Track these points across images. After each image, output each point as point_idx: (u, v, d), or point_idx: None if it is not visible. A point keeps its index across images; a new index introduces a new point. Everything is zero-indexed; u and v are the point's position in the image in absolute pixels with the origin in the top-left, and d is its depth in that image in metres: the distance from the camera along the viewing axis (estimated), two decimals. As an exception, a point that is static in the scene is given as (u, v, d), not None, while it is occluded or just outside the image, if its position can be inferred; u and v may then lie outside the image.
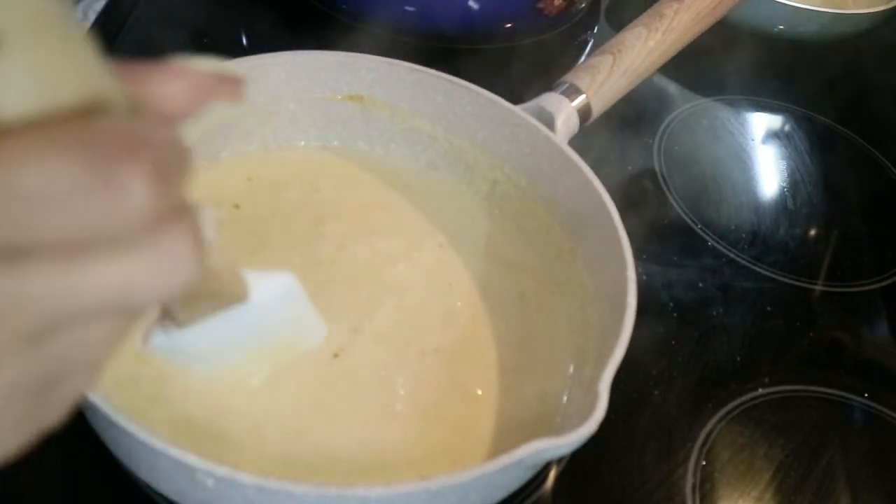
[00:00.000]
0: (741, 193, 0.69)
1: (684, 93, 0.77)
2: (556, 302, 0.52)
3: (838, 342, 0.59)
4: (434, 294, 0.51)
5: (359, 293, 0.50)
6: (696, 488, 0.48)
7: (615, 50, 0.58)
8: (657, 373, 0.53)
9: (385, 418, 0.45)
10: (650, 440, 0.50)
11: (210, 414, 0.43)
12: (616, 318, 0.44)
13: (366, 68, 0.55)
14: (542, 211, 0.54)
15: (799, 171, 0.72)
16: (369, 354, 0.47)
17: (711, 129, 0.74)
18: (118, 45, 0.68)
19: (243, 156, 0.56)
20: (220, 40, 0.72)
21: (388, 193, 0.56)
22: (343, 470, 0.43)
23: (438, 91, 0.55)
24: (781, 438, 0.52)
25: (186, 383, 0.44)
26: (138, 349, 0.45)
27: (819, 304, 0.61)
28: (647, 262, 0.59)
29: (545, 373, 0.48)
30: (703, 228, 0.64)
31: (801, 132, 0.76)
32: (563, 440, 0.37)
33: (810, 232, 0.67)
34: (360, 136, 0.58)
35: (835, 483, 0.50)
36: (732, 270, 0.61)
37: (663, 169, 0.68)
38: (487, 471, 0.37)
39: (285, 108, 0.56)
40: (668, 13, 0.61)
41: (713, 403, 0.53)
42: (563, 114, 0.54)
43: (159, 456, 0.36)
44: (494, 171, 0.56)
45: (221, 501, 0.37)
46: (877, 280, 0.64)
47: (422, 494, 0.36)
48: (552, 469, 0.48)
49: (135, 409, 0.42)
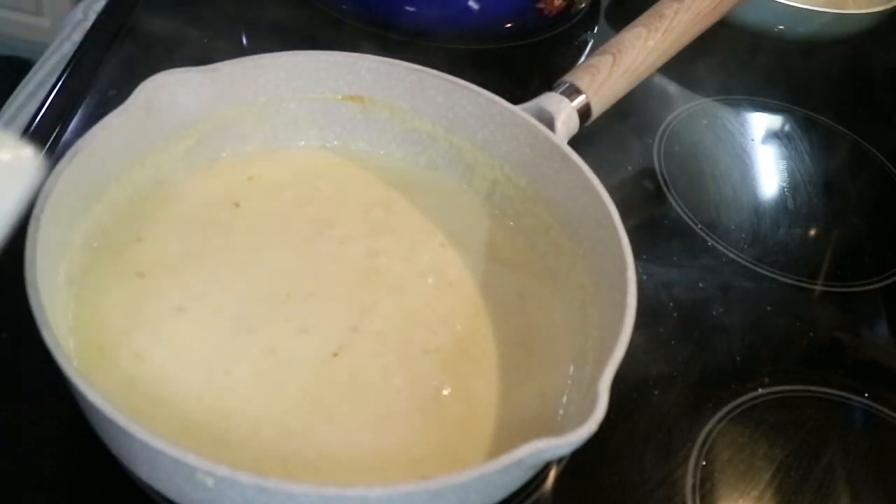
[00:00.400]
0: (741, 193, 0.69)
1: (684, 93, 0.77)
2: (556, 302, 0.52)
3: (838, 342, 0.59)
4: (434, 294, 0.51)
5: (359, 293, 0.50)
6: (696, 488, 0.48)
7: (615, 50, 0.58)
8: (657, 373, 0.53)
9: (385, 418, 0.45)
10: (650, 440, 0.50)
11: (210, 414, 0.43)
12: (616, 317, 0.44)
13: (366, 68, 0.55)
14: (542, 211, 0.54)
15: (799, 172, 0.72)
16: (369, 354, 0.47)
17: (711, 130, 0.74)
18: (118, 45, 0.68)
19: (243, 156, 0.56)
20: (220, 40, 0.72)
21: (389, 193, 0.56)
22: (343, 470, 0.43)
23: (439, 91, 0.55)
24: (781, 438, 0.52)
25: (186, 383, 0.44)
26: (138, 348, 0.45)
27: (819, 304, 0.61)
28: (647, 262, 0.59)
29: (545, 373, 0.48)
30: (703, 228, 0.64)
31: (801, 132, 0.76)
32: (563, 440, 0.37)
33: (810, 232, 0.67)
34: (361, 137, 0.58)
35: (835, 483, 0.50)
36: (732, 270, 0.61)
37: (663, 169, 0.68)
38: (487, 471, 0.37)
39: (285, 108, 0.56)
40: (667, 13, 0.61)
41: (713, 403, 0.53)
42: (563, 114, 0.55)
43: (159, 456, 0.36)
44: (494, 171, 0.56)
45: (221, 501, 0.37)
46: (877, 280, 0.64)
47: (422, 494, 0.36)
48: (552, 469, 0.48)
49: (134, 409, 0.43)
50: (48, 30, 1.61)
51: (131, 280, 0.48)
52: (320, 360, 0.46)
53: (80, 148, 0.46)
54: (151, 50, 0.69)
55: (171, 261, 0.49)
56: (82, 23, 0.77)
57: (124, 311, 0.47)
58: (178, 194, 0.53)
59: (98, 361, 0.44)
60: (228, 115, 0.54)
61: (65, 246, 0.46)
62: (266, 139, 0.57)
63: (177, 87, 0.51)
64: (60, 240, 0.45)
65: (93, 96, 0.63)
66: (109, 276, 0.48)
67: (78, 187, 0.46)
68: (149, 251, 0.50)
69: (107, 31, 0.69)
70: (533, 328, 0.50)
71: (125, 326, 0.46)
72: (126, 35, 0.69)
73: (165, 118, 0.51)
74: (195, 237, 0.51)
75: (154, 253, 0.50)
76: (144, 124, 0.50)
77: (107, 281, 0.48)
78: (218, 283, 0.49)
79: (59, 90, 0.63)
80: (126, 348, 0.45)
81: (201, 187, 0.54)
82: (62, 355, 0.38)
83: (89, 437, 0.42)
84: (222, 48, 0.71)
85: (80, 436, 0.44)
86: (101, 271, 0.48)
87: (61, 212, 0.45)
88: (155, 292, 0.48)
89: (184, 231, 0.51)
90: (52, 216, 0.43)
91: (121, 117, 0.48)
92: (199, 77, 0.51)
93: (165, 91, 0.50)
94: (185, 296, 0.48)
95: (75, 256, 0.47)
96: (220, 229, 0.52)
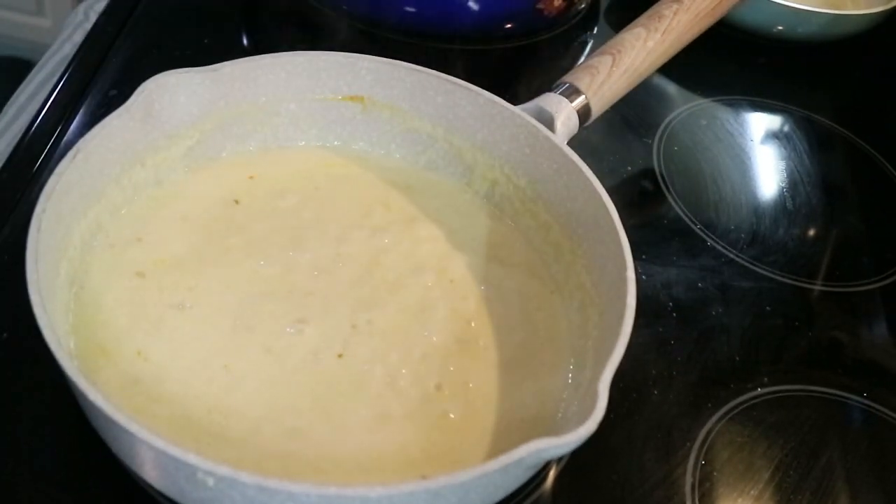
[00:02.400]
0: (740, 193, 0.69)
1: (683, 93, 0.77)
2: (555, 302, 0.52)
3: (837, 342, 0.59)
4: (434, 293, 0.51)
5: (359, 292, 0.50)
6: (696, 487, 0.48)
7: (615, 50, 0.58)
8: (657, 372, 0.54)
9: (385, 417, 0.45)
10: (650, 439, 0.50)
11: (211, 413, 0.43)
12: (615, 317, 0.44)
13: (366, 69, 0.56)
14: (541, 211, 0.54)
15: (798, 172, 0.72)
16: (369, 353, 0.47)
17: (711, 130, 0.74)
18: (119, 46, 0.68)
19: (244, 156, 0.56)
20: (220, 41, 0.72)
21: (389, 193, 0.56)
22: (343, 469, 0.43)
23: (438, 91, 0.55)
24: (780, 438, 0.52)
25: (187, 382, 0.44)
26: (139, 347, 0.45)
27: (818, 304, 0.62)
28: (647, 262, 0.60)
29: (545, 372, 0.48)
30: (703, 228, 0.64)
31: (800, 133, 0.76)
32: (562, 440, 0.37)
33: (809, 232, 0.67)
34: (361, 137, 0.58)
35: (834, 482, 0.50)
36: (732, 270, 0.62)
37: (663, 169, 0.69)
38: (487, 470, 0.37)
39: (286, 108, 0.56)
40: (667, 14, 0.61)
41: (712, 403, 0.53)
42: (562, 114, 0.55)
43: (160, 455, 0.36)
44: (494, 172, 0.56)
45: (222, 500, 0.37)
46: (876, 280, 0.64)
47: (422, 494, 0.36)
48: (552, 468, 0.48)
49: (136, 409, 0.43)
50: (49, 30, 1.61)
51: (132, 279, 0.48)
52: (320, 359, 0.47)
53: (80, 148, 0.46)
54: (152, 51, 0.69)
55: (171, 260, 0.50)
56: (83, 23, 0.77)
57: (125, 311, 0.47)
58: (178, 194, 0.53)
59: (99, 361, 0.44)
60: (229, 116, 0.54)
61: (65, 245, 0.46)
62: (266, 139, 0.57)
63: (177, 88, 0.51)
64: (61, 239, 0.45)
65: (93, 97, 0.63)
66: (110, 276, 0.48)
67: (79, 187, 0.46)
68: (149, 251, 0.50)
69: (107, 31, 0.69)
70: (533, 328, 0.50)
71: (126, 326, 0.46)
72: (127, 36, 0.69)
73: (166, 118, 0.51)
74: (196, 237, 0.51)
75: (155, 252, 0.50)
76: (145, 124, 0.50)
77: (107, 280, 0.48)
78: (218, 282, 0.49)
79: (60, 90, 0.63)
80: (127, 348, 0.45)
81: (202, 187, 0.54)
82: (63, 355, 0.38)
83: (90, 437, 0.42)
84: (222, 49, 0.71)
85: (81, 435, 0.44)
86: (102, 271, 0.48)
87: (62, 211, 0.45)
88: (155, 292, 0.48)
89: (184, 231, 0.51)
90: (54, 216, 0.44)
91: (121, 118, 0.48)
92: (200, 77, 0.51)
93: (166, 91, 0.50)
94: (186, 295, 0.48)
95: (76, 256, 0.47)
96: (221, 229, 0.52)
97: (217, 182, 0.54)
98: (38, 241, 0.41)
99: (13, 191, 0.55)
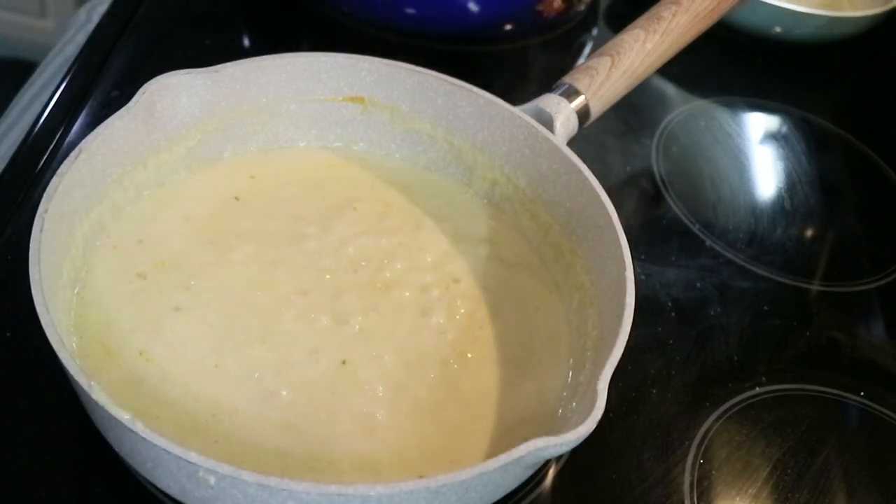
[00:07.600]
0: (739, 194, 0.69)
1: (682, 94, 0.78)
2: (555, 302, 0.52)
3: (835, 341, 0.59)
4: (434, 293, 0.51)
5: (359, 292, 0.50)
6: (694, 486, 0.49)
7: (613, 52, 0.59)
8: (655, 372, 0.54)
9: (384, 417, 0.45)
10: (648, 438, 0.50)
11: (212, 413, 0.44)
12: (614, 317, 0.44)
13: (366, 70, 0.56)
14: (541, 211, 0.54)
15: (796, 172, 0.72)
16: (368, 353, 0.48)
17: (709, 131, 0.74)
18: (121, 47, 0.69)
19: (245, 156, 0.56)
20: (221, 42, 0.72)
21: (389, 193, 0.56)
22: (343, 469, 0.43)
23: (438, 92, 0.56)
24: (778, 437, 0.52)
25: (187, 381, 0.45)
26: (141, 347, 0.45)
27: (816, 304, 0.62)
28: (646, 262, 0.60)
29: (545, 372, 0.49)
30: (701, 229, 0.64)
31: (798, 133, 0.76)
32: (562, 439, 0.38)
33: (807, 232, 0.68)
34: (361, 137, 0.58)
35: (831, 481, 0.51)
36: (730, 270, 0.62)
37: (661, 170, 0.69)
38: (487, 469, 0.37)
39: (286, 109, 0.56)
40: (666, 15, 0.61)
41: (711, 402, 0.53)
42: (562, 115, 0.55)
43: (162, 454, 0.36)
44: (494, 172, 0.56)
45: (223, 499, 0.37)
46: (873, 280, 0.64)
47: (422, 493, 0.37)
48: (551, 467, 0.48)
49: (138, 408, 0.43)
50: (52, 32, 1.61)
51: (134, 280, 0.48)
52: (320, 359, 0.47)
53: (83, 149, 0.47)
54: (154, 52, 0.70)
55: (173, 261, 0.50)
56: (86, 25, 0.77)
57: (127, 311, 0.47)
58: (180, 194, 0.53)
59: (102, 361, 0.45)
60: (230, 116, 0.54)
61: (68, 245, 0.46)
62: (267, 140, 0.57)
63: (179, 89, 0.51)
64: (64, 239, 0.46)
65: (96, 98, 0.64)
66: (112, 276, 0.48)
67: (81, 187, 0.47)
68: (151, 251, 0.50)
69: (110, 33, 0.69)
70: (532, 327, 0.51)
71: (128, 326, 0.46)
72: (129, 37, 0.70)
73: (168, 119, 0.51)
74: (197, 237, 0.51)
75: (156, 253, 0.50)
76: (147, 125, 0.50)
77: (109, 280, 0.48)
78: (219, 282, 0.49)
79: (63, 92, 0.63)
80: (129, 348, 0.45)
81: (203, 187, 0.54)
82: (66, 354, 0.38)
83: (93, 436, 0.42)
84: (224, 50, 0.71)
85: (84, 434, 0.44)
86: (104, 271, 0.48)
87: (65, 211, 0.45)
88: (157, 292, 0.48)
89: (186, 231, 0.52)
90: (56, 216, 0.44)
91: (124, 118, 0.49)
92: (201, 79, 0.52)
93: (168, 92, 0.51)
94: (187, 295, 0.48)
95: (78, 256, 0.47)
96: (222, 229, 0.52)
97: (218, 182, 0.55)
98: (41, 241, 0.42)
99: (16, 191, 0.55)
